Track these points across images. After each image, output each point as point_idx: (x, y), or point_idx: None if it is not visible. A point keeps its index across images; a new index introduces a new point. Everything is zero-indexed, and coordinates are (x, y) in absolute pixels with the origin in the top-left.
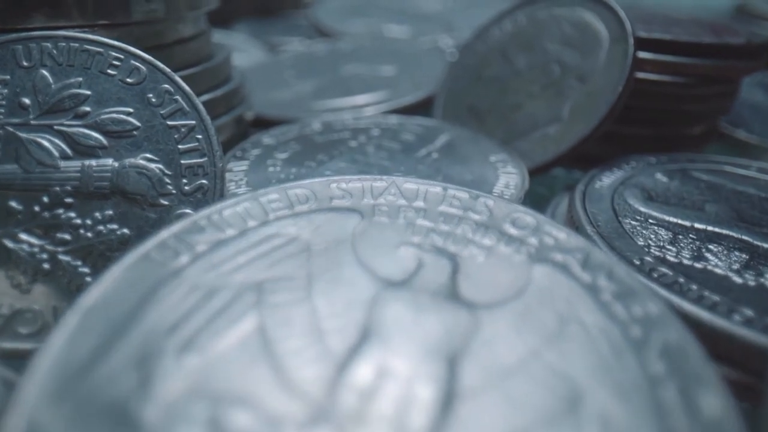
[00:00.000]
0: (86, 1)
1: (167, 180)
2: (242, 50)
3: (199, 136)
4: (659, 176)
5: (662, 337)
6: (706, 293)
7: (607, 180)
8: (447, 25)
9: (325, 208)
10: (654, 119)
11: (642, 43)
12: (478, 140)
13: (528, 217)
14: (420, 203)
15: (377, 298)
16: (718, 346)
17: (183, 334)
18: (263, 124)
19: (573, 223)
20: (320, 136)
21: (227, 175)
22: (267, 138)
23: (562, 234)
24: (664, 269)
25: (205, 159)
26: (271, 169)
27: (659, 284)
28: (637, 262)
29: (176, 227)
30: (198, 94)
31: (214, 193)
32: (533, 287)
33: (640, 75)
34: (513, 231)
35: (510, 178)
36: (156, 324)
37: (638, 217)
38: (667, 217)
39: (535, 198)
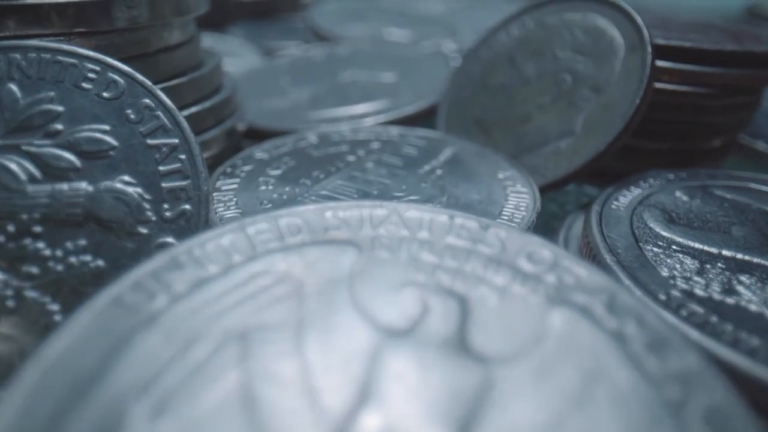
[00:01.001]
0: (66, 7)
1: (147, 205)
2: (237, 55)
3: (182, 156)
4: (679, 194)
5: (704, 400)
6: (743, 335)
7: (624, 199)
8: (449, 28)
9: (320, 241)
10: (671, 132)
11: (660, 51)
12: (485, 155)
13: (545, 250)
14: (424, 234)
15: (377, 351)
16: (759, 399)
17: (157, 395)
18: (256, 135)
19: (590, 250)
20: (316, 150)
21: (215, 195)
22: (259, 152)
23: (582, 271)
24: (693, 306)
25: (189, 182)
26: (263, 187)
27: (690, 324)
28: (663, 297)
29: (152, 264)
30: (185, 106)
31: (198, 219)
32: (552, 336)
33: (658, 85)
34: (528, 267)
35: (520, 198)
36: (126, 382)
37: (661, 243)
38: (691, 243)
39: (546, 216)
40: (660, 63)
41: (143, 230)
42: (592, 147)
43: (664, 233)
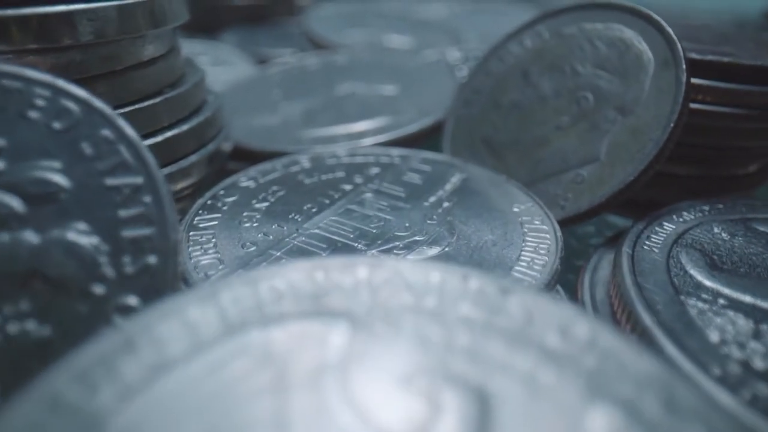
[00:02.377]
0: (29, 20)
1: (104, 259)
2: (227, 63)
3: (147, 199)
4: (718, 231)
5: None
6: None
7: (656, 239)
8: (453, 35)
9: (308, 312)
10: (702, 156)
11: (694, 67)
12: (497, 182)
13: (580, 323)
14: (432, 301)
15: None
16: None
17: None
18: (243, 156)
19: (622, 305)
20: (308, 177)
21: (192, 235)
22: (244, 180)
23: (627, 351)
24: (757, 385)
25: (154, 229)
26: (246, 224)
27: (756, 411)
28: (718, 372)
29: (100, 346)
30: (161, 130)
31: (165, 274)
32: None
33: (691, 105)
34: (560, 345)
35: (540, 238)
36: None
37: (705, 296)
38: (741, 296)
39: (565, 252)
40: (693, 80)
41: (99, 290)
42: (620, 176)
43: (707, 282)
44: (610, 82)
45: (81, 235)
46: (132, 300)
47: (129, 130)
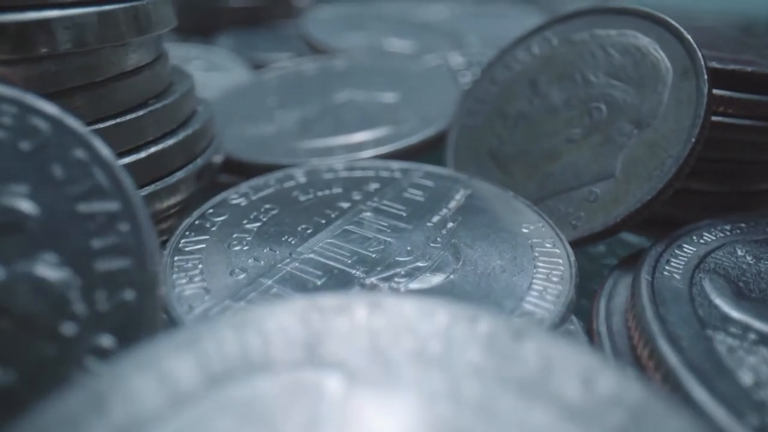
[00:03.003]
0: (7, 28)
1: (75, 295)
2: (222, 69)
3: (124, 227)
4: (742, 254)
5: None
6: None
7: (676, 263)
8: (456, 38)
9: (299, 361)
10: (724, 171)
11: (715, 77)
12: (505, 199)
13: (605, 376)
14: (437, 347)
15: None
16: None
17: None
18: (235, 169)
19: (644, 340)
20: (304, 194)
21: (177, 260)
22: (235, 197)
23: (657, 409)
24: None
25: (132, 261)
26: (236, 247)
27: None
28: (756, 421)
29: (67, 404)
30: (146, 144)
31: (144, 311)
32: None
33: (713, 118)
34: (581, 399)
35: (552, 264)
36: None
37: (734, 330)
38: None
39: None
40: (715, 91)
41: (70, 330)
42: (636, 195)
43: (735, 314)
44: (624, 93)
45: (50, 268)
46: (106, 340)
47: (104, 151)
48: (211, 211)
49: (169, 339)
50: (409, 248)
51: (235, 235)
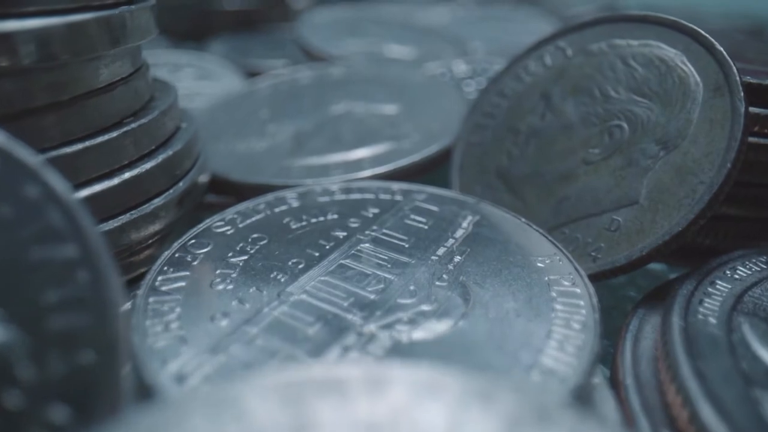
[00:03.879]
0: None
1: (22, 358)
2: (213, 77)
3: (83, 277)
4: None
5: None
6: None
7: (711, 304)
8: (459, 44)
9: None
10: (757, 197)
11: (750, 94)
12: (517, 227)
13: None
14: None
15: None
16: None
17: None
18: (223, 188)
19: (682, 401)
20: (296, 220)
21: (152, 302)
22: (221, 224)
23: None
24: None
25: (91, 317)
26: (219, 286)
27: None
28: None
29: None
30: (121, 169)
31: (104, 376)
32: None
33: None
34: None
35: (572, 307)
36: None
37: None
38: None
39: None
40: (752, 109)
41: (14, 400)
42: (664, 225)
43: None
44: (648, 110)
45: None
46: (59, 413)
47: (60, 186)
48: (192, 241)
49: (126, 427)
50: (412, 287)
51: (218, 271)
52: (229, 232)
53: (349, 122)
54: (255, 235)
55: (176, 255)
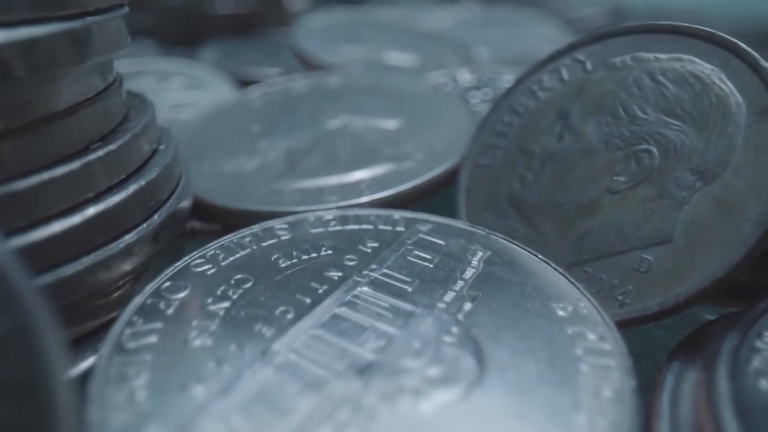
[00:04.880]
0: None
1: None
2: (204, 87)
3: (17, 359)
4: None
5: None
6: None
7: (760, 361)
8: (463, 51)
9: None
10: None
11: None
12: (533, 266)
13: None
14: None
15: None
16: None
17: None
18: (208, 214)
19: None
20: (286, 257)
21: (116, 364)
22: (200, 262)
23: None
24: None
25: (24, 407)
26: (195, 342)
27: None
28: None
29: None
30: (84, 203)
31: None
32: None
33: None
34: None
35: (602, 369)
36: None
37: None
38: None
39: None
40: None
41: None
42: (704, 268)
43: None
44: (682, 134)
45: None
46: None
47: None
48: (168, 284)
49: None
50: (417, 345)
51: (195, 323)
52: (209, 272)
53: (346, 139)
54: (239, 276)
55: (148, 302)
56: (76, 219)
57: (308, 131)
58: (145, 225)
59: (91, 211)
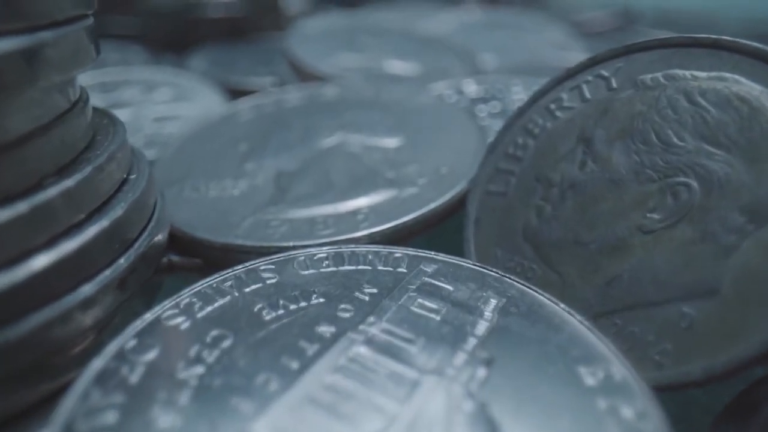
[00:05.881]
0: None
1: None
2: (191, 98)
3: None
4: None
5: None
6: None
7: None
8: (468, 57)
9: None
10: None
11: None
12: (555, 318)
13: None
14: None
15: None
16: None
17: None
18: (187, 248)
19: None
20: (271, 308)
21: None
22: (173, 313)
23: None
24: None
25: None
26: (163, 421)
27: None
28: None
29: None
30: (35, 250)
31: None
32: None
33: None
34: None
35: None
36: None
37: None
38: None
39: None
40: None
41: None
42: (759, 329)
43: None
44: (727, 165)
45: None
46: None
47: None
48: (133, 343)
49: None
50: (423, 428)
51: (162, 395)
52: (183, 326)
53: (342, 160)
54: (216, 333)
55: (109, 366)
56: (23, 270)
57: (300, 151)
58: (108, 272)
59: (42, 260)
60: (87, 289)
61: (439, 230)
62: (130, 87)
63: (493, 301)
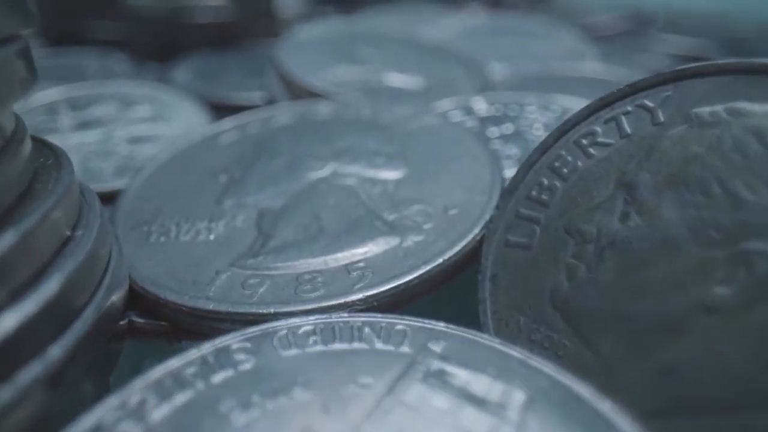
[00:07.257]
0: None
1: None
2: (170, 118)
3: None
4: None
5: None
6: None
7: None
8: (475, 68)
9: None
10: None
11: None
12: (595, 421)
13: None
14: None
15: None
16: None
17: None
18: (148, 307)
19: None
20: (242, 407)
21: None
22: (117, 418)
23: None
24: None
25: None
26: None
27: None
28: None
29: None
30: None
31: None
32: None
33: None
34: None
35: None
36: None
37: None
38: None
39: None
40: None
41: None
42: None
43: None
44: None
45: None
46: None
47: None
48: None
49: None
50: None
51: None
52: (137, 430)
53: (335, 196)
54: (184, 424)
55: None
56: None
57: (287, 185)
58: (37, 365)
59: None
60: (26, 378)
61: (447, 288)
62: (105, 103)
63: (519, 396)
